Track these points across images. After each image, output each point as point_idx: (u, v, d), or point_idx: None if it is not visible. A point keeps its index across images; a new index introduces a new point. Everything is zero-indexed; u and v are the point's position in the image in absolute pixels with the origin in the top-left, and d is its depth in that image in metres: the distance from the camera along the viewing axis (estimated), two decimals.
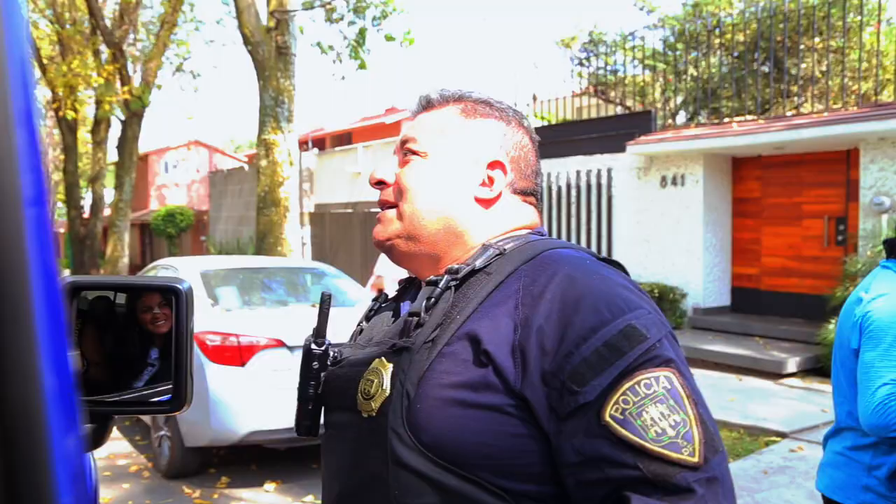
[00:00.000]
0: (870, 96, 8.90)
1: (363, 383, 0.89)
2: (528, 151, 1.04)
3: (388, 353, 0.88)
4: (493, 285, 0.88)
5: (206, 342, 4.46)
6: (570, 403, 0.78)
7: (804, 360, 7.28)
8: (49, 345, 0.35)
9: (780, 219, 8.83)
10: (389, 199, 1.01)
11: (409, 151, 1.01)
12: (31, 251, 0.34)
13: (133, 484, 4.76)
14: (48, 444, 0.34)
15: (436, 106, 1.05)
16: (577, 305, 0.81)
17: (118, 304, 1.07)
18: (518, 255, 0.91)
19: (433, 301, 0.90)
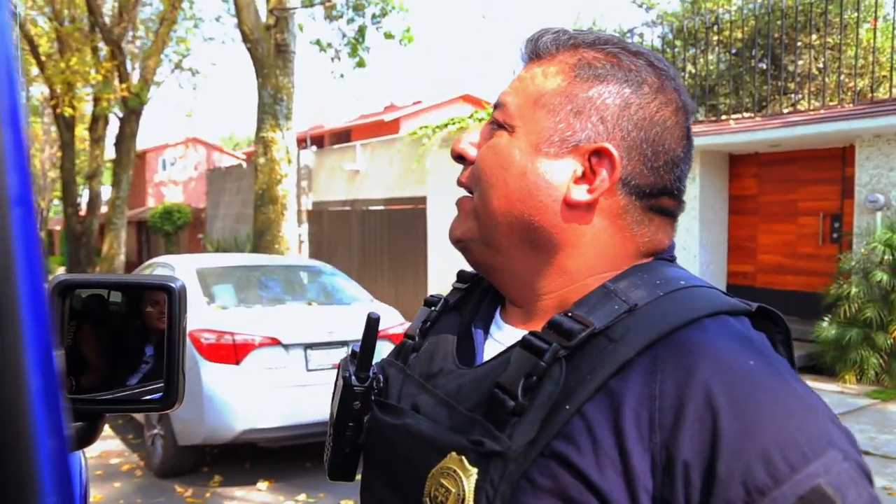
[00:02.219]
0: (866, 93, 8.93)
1: (433, 485, 0.64)
2: (667, 130, 0.71)
3: (472, 453, 0.63)
4: (617, 363, 0.61)
5: (200, 340, 4.47)
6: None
7: (797, 357, 7.27)
8: (34, 345, 0.35)
9: (776, 216, 8.86)
10: (466, 184, 0.77)
11: (497, 122, 0.74)
12: (16, 251, 0.34)
13: (125, 483, 4.77)
14: (33, 444, 0.34)
15: (544, 57, 0.74)
16: (740, 443, 0.55)
17: (112, 303, 1.09)
18: (653, 317, 0.63)
19: (535, 379, 0.63)
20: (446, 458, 0.64)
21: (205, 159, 30.41)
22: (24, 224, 0.35)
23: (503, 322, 0.78)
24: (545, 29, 0.76)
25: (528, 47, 0.76)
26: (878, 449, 4.94)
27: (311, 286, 5.95)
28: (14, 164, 0.35)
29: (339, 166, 15.63)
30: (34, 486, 0.34)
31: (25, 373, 0.34)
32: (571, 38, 0.74)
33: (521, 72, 0.76)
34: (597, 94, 0.70)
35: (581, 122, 0.70)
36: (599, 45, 0.73)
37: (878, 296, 6.91)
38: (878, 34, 9.01)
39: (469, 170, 0.76)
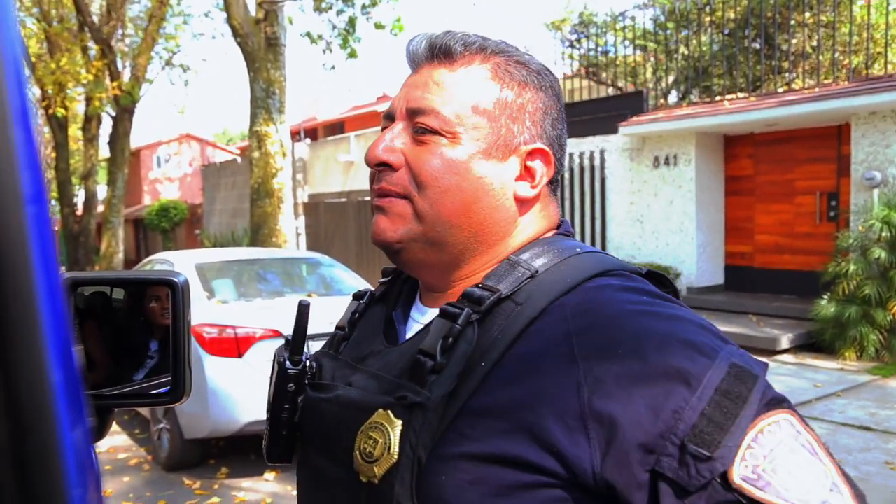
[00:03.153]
0: (861, 70, 8.91)
1: (362, 439, 0.71)
2: (563, 127, 0.84)
3: (396, 407, 0.70)
4: (523, 322, 0.70)
5: (203, 335, 4.49)
6: (702, 474, 0.60)
7: (797, 336, 7.35)
8: (54, 340, 0.35)
9: (773, 196, 8.87)
10: (396, 189, 0.78)
11: (426, 129, 0.77)
12: (33, 249, 0.35)
13: (133, 477, 4.80)
14: (58, 436, 0.35)
15: (457, 61, 0.79)
16: (666, 350, 0.64)
17: (115, 300, 1.09)
18: (553, 279, 0.73)
19: (451, 341, 0.70)
20: (374, 414, 0.71)
21: (199, 155, 30.33)
22: (38, 221, 0.36)
23: (423, 306, 0.85)
24: (446, 32, 0.80)
25: (435, 47, 0.79)
26: (880, 424, 4.98)
27: (311, 278, 5.97)
28: (27, 163, 0.35)
29: (334, 158, 15.60)
30: (61, 478, 0.35)
31: (47, 367, 0.35)
32: (477, 41, 0.80)
33: (430, 73, 0.79)
34: (527, 101, 0.80)
35: (518, 126, 0.79)
36: (506, 50, 0.81)
37: (876, 273, 6.93)
38: (871, 10, 8.98)
39: (396, 176, 0.78)
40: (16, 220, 0.34)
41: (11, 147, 0.34)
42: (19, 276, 0.34)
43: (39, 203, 0.36)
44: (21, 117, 0.35)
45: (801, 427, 0.64)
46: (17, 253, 0.34)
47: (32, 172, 0.35)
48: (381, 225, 0.79)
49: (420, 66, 0.81)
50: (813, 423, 5.07)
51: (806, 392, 5.78)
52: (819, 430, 4.90)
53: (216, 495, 4.39)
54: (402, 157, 0.78)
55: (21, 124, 0.35)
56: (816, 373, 6.48)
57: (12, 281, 0.34)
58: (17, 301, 0.34)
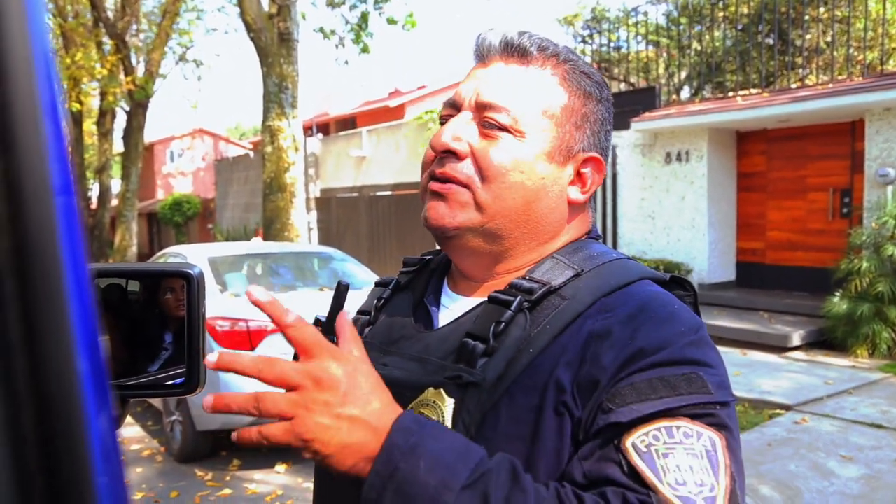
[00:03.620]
0: (875, 66, 8.83)
1: None
2: (611, 139, 0.89)
3: (449, 386, 0.73)
4: (571, 315, 0.74)
5: (215, 328, 4.54)
6: (597, 421, 0.68)
7: (808, 333, 7.31)
8: (82, 329, 0.36)
9: (785, 192, 8.82)
10: (459, 177, 0.80)
11: (495, 125, 0.80)
12: (62, 240, 0.35)
13: (146, 468, 4.87)
14: (84, 424, 0.35)
15: (529, 60, 0.83)
16: (656, 346, 0.71)
17: (130, 292, 1.12)
18: (596, 280, 0.78)
19: (504, 326, 0.74)
20: (424, 393, 0.74)
21: (212, 150, 30.48)
22: (67, 213, 0.37)
23: (454, 294, 0.88)
24: (521, 32, 0.84)
25: (510, 45, 0.82)
26: (891, 422, 4.96)
27: (323, 272, 6.01)
28: (56, 155, 0.36)
29: (346, 153, 15.63)
30: (87, 466, 0.35)
31: (75, 356, 0.35)
32: (550, 46, 0.84)
33: (502, 69, 0.82)
34: (589, 111, 0.84)
35: (580, 134, 0.83)
36: (574, 59, 0.85)
37: (889, 270, 6.89)
38: (887, 5, 8.90)
39: (461, 164, 0.80)
40: (45, 212, 0.35)
41: (41, 139, 0.35)
42: (49, 267, 0.35)
43: (68, 194, 0.37)
44: (51, 110, 0.36)
45: (722, 451, 0.67)
46: (47, 243, 0.35)
47: (61, 164, 0.36)
48: (439, 210, 0.81)
49: (490, 59, 0.84)
50: (824, 420, 5.06)
51: (817, 389, 5.76)
52: (830, 428, 4.90)
53: (228, 487, 4.44)
54: (468, 147, 0.81)
55: (50, 117, 0.35)
56: (828, 370, 6.45)
57: (42, 271, 0.35)
58: (47, 291, 0.35)
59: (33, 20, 0.35)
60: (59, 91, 0.38)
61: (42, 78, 0.35)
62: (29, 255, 0.34)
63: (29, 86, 0.35)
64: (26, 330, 0.34)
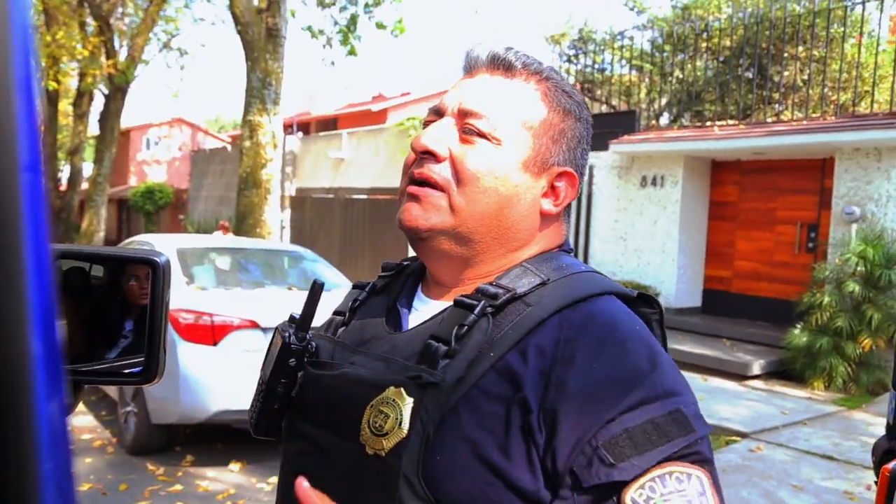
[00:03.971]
0: (848, 107, 9.06)
1: (372, 413, 0.75)
2: (587, 158, 0.91)
3: (409, 385, 0.74)
4: (533, 322, 0.76)
5: (179, 320, 4.48)
6: (599, 475, 0.69)
7: (768, 363, 7.44)
8: (38, 310, 0.35)
9: (755, 223, 8.98)
10: (435, 179, 0.82)
11: (475, 131, 0.82)
12: (25, 218, 0.34)
13: (96, 458, 4.77)
14: (32, 407, 0.34)
15: (514, 74, 0.86)
16: (630, 377, 0.72)
17: (93, 276, 1.10)
18: (562, 290, 0.79)
19: (466, 329, 0.76)
20: (385, 391, 0.76)
21: (189, 140, 30.14)
22: (32, 190, 0.35)
23: (426, 297, 0.90)
24: (508, 47, 0.86)
25: (496, 59, 0.86)
26: (842, 455, 5.06)
27: (292, 271, 5.96)
28: (26, 131, 0.35)
29: (325, 153, 15.57)
30: (33, 451, 0.34)
31: (30, 338, 0.34)
32: (534, 63, 0.86)
33: (487, 80, 0.85)
34: (567, 127, 0.86)
35: (556, 148, 0.85)
36: (556, 76, 0.87)
37: (849, 306, 7.04)
38: (862, 49, 9.13)
39: (439, 167, 0.83)
40: (10, 188, 0.34)
41: (11, 114, 0.34)
42: (8, 244, 0.34)
43: (34, 172, 0.36)
44: (24, 85, 0.35)
45: (710, 491, 0.70)
46: (9, 221, 0.34)
47: (30, 141, 0.35)
48: (413, 212, 0.83)
49: (476, 71, 0.87)
50: (778, 450, 5.15)
51: (773, 418, 5.86)
52: (784, 457, 4.98)
53: (179, 482, 4.37)
54: (447, 151, 0.83)
55: (24, 92, 0.34)
56: (785, 400, 6.57)
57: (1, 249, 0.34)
58: (4, 269, 0.34)
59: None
60: (35, 66, 0.37)
61: (18, 52, 0.34)
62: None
63: (2, 58, 0.34)
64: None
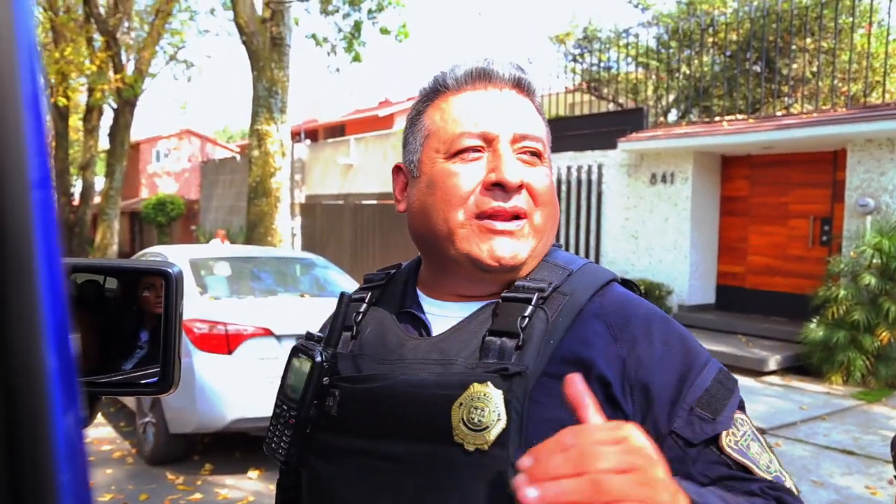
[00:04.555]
0: (859, 98, 8.99)
1: (464, 411, 0.76)
2: None
3: (496, 378, 0.77)
4: (576, 309, 0.83)
5: (193, 330, 4.50)
6: (704, 430, 0.79)
7: (785, 358, 7.38)
8: (53, 325, 0.36)
9: (767, 218, 8.92)
10: (526, 210, 0.85)
11: (534, 153, 0.87)
12: (37, 234, 0.35)
13: (116, 469, 4.80)
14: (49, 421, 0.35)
15: (529, 95, 0.91)
16: (684, 345, 0.84)
17: (107, 289, 1.11)
18: (585, 279, 0.87)
19: (528, 321, 0.81)
20: (469, 389, 0.77)
21: (199, 151, 30.31)
22: (43, 206, 0.36)
23: (436, 300, 0.92)
24: (519, 66, 0.91)
25: (514, 76, 0.89)
26: (863, 449, 5.01)
27: (304, 278, 5.98)
28: (35, 148, 0.35)
29: (333, 160, 15.62)
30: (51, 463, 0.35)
31: (45, 352, 0.35)
32: (531, 83, 0.92)
33: (521, 101, 0.89)
34: (547, 130, 0.93)
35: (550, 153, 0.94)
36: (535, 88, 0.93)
37: (865, 299, 6.98)
38: (872, 39, 9.06)
39: (521, 198, 0.85)
40: (21, 205, 0.34)
41: (21, 131, 0.34)
42: (22, 261, 0.34)
43: (45, 188, 0.36)
44: (32, 103, 0.35)
45: (753, 428, 0.83)
46: (21, 237, 0.34)
47: (40, 158, 0.36)
48: (511, 248, 0.84)
49: (497, 85, 0.88)
50: (797, 445, 5.10)
51: (792, 414, 5.81)
52: (802, 453, 4.94)
53: (199, 491, 4.38)
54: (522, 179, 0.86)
55: (32, 110, 0.35)
56: (803, 395, 6.51)
57: (14, 265, 0.34)
58: (19, 285, 0.34)
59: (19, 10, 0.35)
60: (42, 84, 0.38)
61: (25, 69, 0.35)
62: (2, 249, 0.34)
63: (11, 76, 0.34)
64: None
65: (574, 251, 10.30)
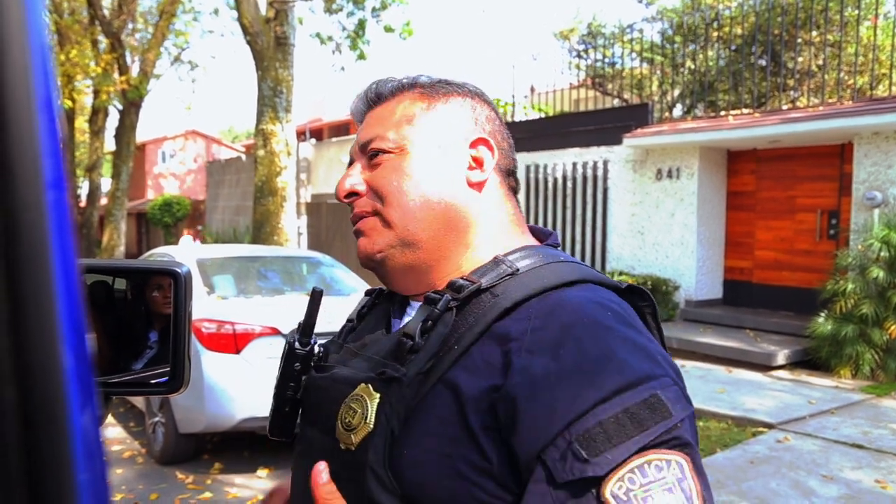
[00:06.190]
0: (865, 91, 8.94)
1: (344, 410, 0.78)
2: (501, 125, 0.94)
3: (376, 381, 0.77)
4: (496, 313, 0.76)
5: (201, 329, 4.51)
6: (573, 471, 0.66)
7: (793, 352, 7.36)
8: (69, 324, 0.36)
9: (774, 212, 8.89)
10: (367, 210, 0.88)
11: (377, 152, 0.88)
12: (52, 234, 0.35)
13: (127, 469, 4.82)
14: (67, 421, 0.35)
15: (388, 99, 0.92)
16: (600, 363, 0.70)
17: (117, 290, 1.11)
18: (530, 279, 0.79)
19: (430, 324, 0.78)
20: (356, 388, 0.79)
21: (204, 151, 30.39)
22: (57, 207, 0.36)
23: (413, 302, 0.92)
24: (378, 80, 0.94)
25: (369, 96, 0.93)
26: (872, 443, 4.99)
27: (311, 277, 5.99)
28: (49, 149, 0.36)
29: (338, 159, 15.64)
30: (68, 461, 0.35)
31: (62, 351, 0.35)
32: (404, 79, 0.92)
33: (372, 114, 0.92)
34: (453, 105, 0.90)
35: (455, 126, 0.89)
36: (427, 77, 0.93)
37: (874, 292, 6.95)
38: (878, 32, 9.02)
39: (363, 200, 0.88)
40: (36, 205, 0.35)
41: (35, 133, 0.35)
42: (38, 261, 0.35)
43: (59, 189, 0.36)
44: (46, 105, 0.36)
45: (690, 474, 0.67)
46: (37, 238, 0.35)
47: (54, 159, 0.36)
48: (361, 245, 0.89)
49: (362, 114, 0.95)
50: (807, 440, 5.09)
51: (800, 408, 5.79)
52: (812, 447, 4.92)
53: (208, 490, 4.40)
54: (364, 184, 0.89)
55: (45, 111, 0.35)
56: (811, 389, 6.49)
57: (31, 265, 0.34)
58: (35, 285, 0.35)
59: (32, 13, 0.35)
60: (54, 86, 0.38)
61: (38, 72, 0.35)
62: (18, 249, 0.34)
63: (25, 79, 0.35)
64: (12, 323, 0.34)
65: (581, 248, 10.29)
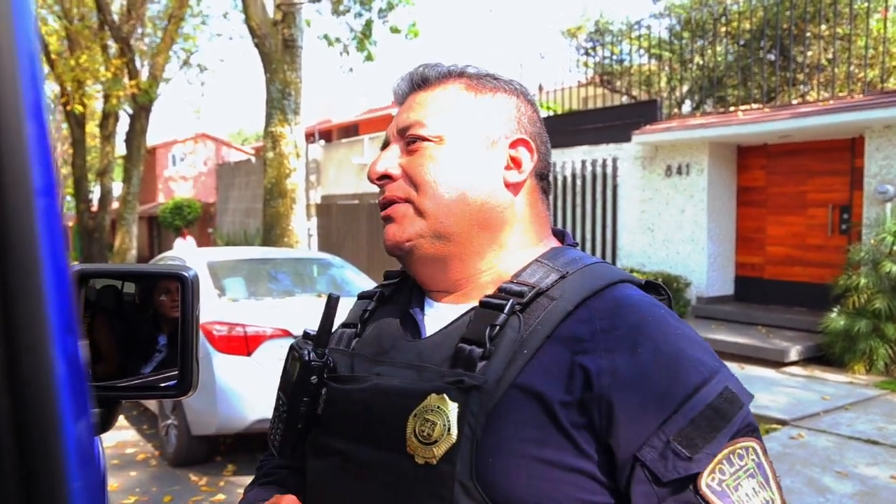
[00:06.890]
0: (876, 84, 8.86)
1: (417, 423, 0.75)
2: (542, 127, 0.92)
3: (452, 391, 0.74)
4: (560, 315, 0.77)
5: (212, 332, 4.53)
6: (677, 469, 0.70)
7: (806, 348, 7.31)
8: (59, 333, 0.36)
9: (785, 207, 8.83)
10: (398, 195, 0.86)
11: (416, 138, 0.86)
12: (41, 241, 0.35)
13: (140, 472, 4.85)
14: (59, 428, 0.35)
15: (434, 84, 0.90)
16: (676, 360, 0.73)
17: (126, 294, 1.12)
18: (582, 280, 0.80)
19: (498, 329, 0.77)
20: (426, 399, 0.76)
21: (214, 154, 30.52)
22: (48, 214, 0.36)
23: (434, 302, 0.90)
24: (426, 64, 0.92)
25: (415, 79, 0.91)
26: (887, 439, 4.95)
27: (321, 278, 6.00)
28: (38, 157, 0.36)
29: (348, 160, 15.66)
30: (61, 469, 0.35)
31: (52, 360, 0.35)
32: (454, 67, 0.91)
33: (415, 98, 0.90)
34: (499, 101, 0.89)
35: (497, 123, 0.88)
36: (473, 69, 0.91)
37: (887, 287, 6.89)
38: (888, 24, 8.93)
39: (396, 185, 0.87)
40: (25, 213, 0.34)
41: (24, 141, 0.34)
42: (27, 269, 0.34)
43: (49, 196, 0.36)
44: (34, 112, 0.35)
45: (763, 457, 0.73)
46: (26, 246, 0.34)
47: (44, 167, 0.36)
48: (390, 231, 0.87)
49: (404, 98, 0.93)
50: (821, 436, 5.05)
51: (814, 404, 5.75)
52: (826, 443, 4.88)
53: (222, 492, 4.42)
54: (399, 168, 0.87)
55: (34, 119, 0.35)
56: (825, 385, 6.44)
57: (20, 273, 0.34)
58: (25, 293, 0.34)
59: (19, 20, 0.35)
60: (44, 92, 0.38)
61: (26, 79, 0.35)
62: (8, 257, 0.34)
63: (14, 87, 0.34)
64: (3, 332, 0.34)
65: (591, 245, 10.26)
